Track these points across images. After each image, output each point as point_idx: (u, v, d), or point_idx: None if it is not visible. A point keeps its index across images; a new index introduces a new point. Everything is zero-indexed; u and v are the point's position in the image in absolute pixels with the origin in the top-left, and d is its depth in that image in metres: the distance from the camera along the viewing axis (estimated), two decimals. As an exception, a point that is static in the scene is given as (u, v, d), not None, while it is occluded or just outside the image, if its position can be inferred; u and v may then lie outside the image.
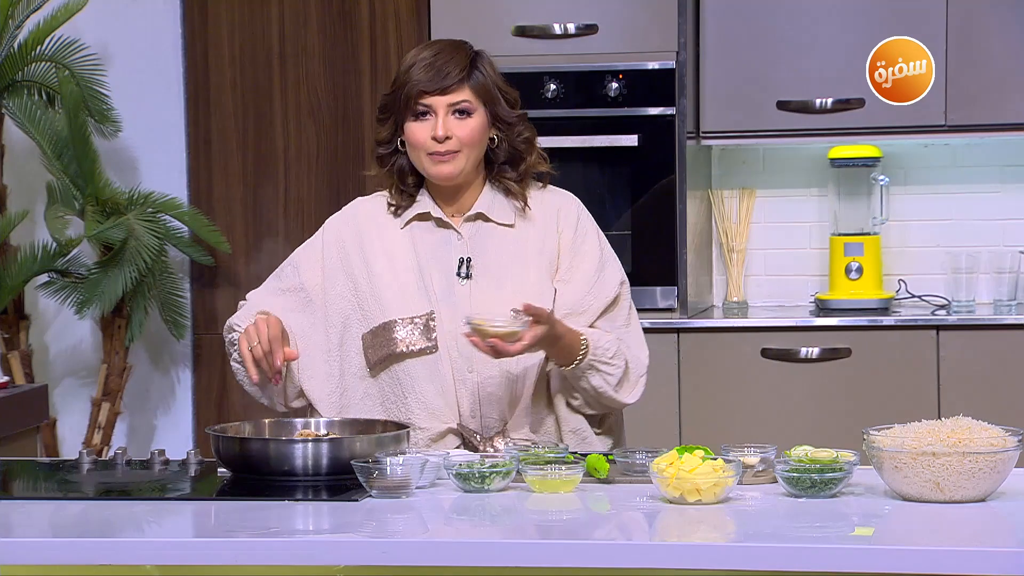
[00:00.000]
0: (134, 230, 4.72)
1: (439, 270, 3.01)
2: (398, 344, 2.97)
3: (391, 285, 3.00)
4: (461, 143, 2.97)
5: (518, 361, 2.96)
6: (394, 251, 3.03)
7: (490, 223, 3.03)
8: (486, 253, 3.02)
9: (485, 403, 2.98)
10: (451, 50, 3.01)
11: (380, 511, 2.55)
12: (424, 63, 2.97)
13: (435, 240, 3.03)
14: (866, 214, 4.85)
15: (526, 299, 2.90)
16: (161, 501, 2.68)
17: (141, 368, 5.01)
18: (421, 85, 2.96)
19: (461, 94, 2.97)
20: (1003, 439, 2.54)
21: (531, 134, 3.05)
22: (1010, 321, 4.55)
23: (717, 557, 2.30)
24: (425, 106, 2.97)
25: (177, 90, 4.94)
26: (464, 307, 2.97)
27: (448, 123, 2.96)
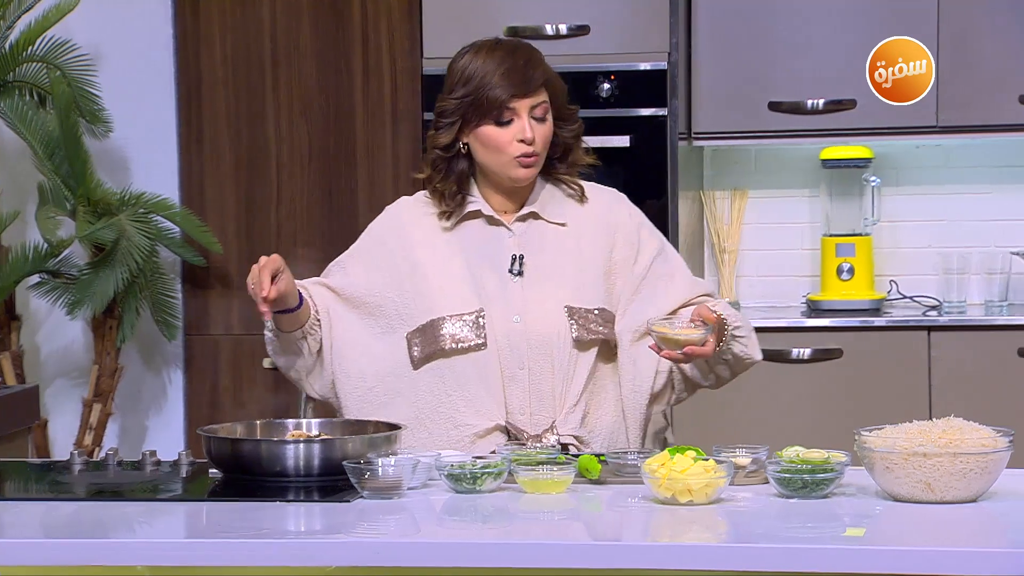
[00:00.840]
0: (125, 231, 4.72)
1: (490, 267, 3.01)
2: (446, 341, 2.96)
3: (438, 283, 3.00)
4: (542, 146, 3.00)
5: (571, 357, 2.97)
6: (441, 250, 3.03)
7: (541, 221, 3.04)
8: (538, 250, 3.02)
9: (535, 400, 2.97)
10: (526, 52, 3.02)
11: (372, 512, 2.55)
12: (505, 67, 2.97)
13: (485, 238, 3.03)
14: (858, 215, 4.86)
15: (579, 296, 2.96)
16: (153, 502, 2.67)
17: (133, 369, 5.00)
18: (511, 90, 2.96)
19: (540, 96, 2.99)
20: (994, 440, 2.55)
21: (581, 128, 3.07)
22: (1001, 322, 4.56)
23: (709, 558, 2.30)
24: (511, 110, 2.97)
25: (169, 90, 4.94)
26: (517, 304, 2.98)
27: (533, 126, 2.98)
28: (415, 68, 4.76)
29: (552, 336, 2.97)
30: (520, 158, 2.97)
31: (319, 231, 4.85)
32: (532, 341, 2.97)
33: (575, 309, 2.98)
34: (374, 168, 4.82)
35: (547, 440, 2.96)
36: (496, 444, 2.95)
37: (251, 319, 4.90)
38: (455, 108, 2.99)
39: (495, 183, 3.04)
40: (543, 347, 2.97)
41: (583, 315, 2.99)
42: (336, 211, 4.84)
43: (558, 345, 2.97)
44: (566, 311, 2.98)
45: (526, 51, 3.03)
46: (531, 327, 2.97)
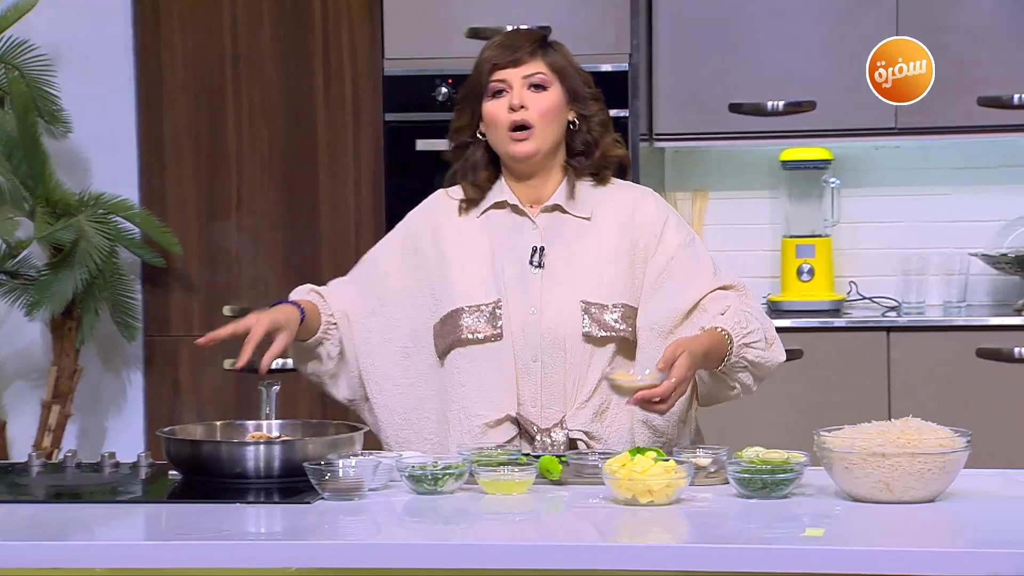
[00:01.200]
0: (85, 231, 4.70)
1: (511, 258, 3.01)
2: (463, 331, 2.97)
3: (461, 274, 3.01)
4: (538, 116, 2.98)
5: (584, 352, 2.96)
6: (468, 240, 3.04)
7: (566, 215, 3.03)
8: (561, 243, 3.01)
9: (547, 393, 2.97)
10: (524, 30, 3.09)
11: (332, 513, 2.54)
12: (496, 43, 3.02)
13: (510, 228, 3.04)
14: (817, 216, 4.88)
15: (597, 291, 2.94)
16: (112, 504, 2.66)
17: (92, 370, 4.98)
18: (494, 59, 2.99)
19: (534, 66, 2.99)
20: (952, 440, 2.56)
21: (606, 116, 3.06)
22: (959, 323, 4.59)
23: (669, 558, 2.31)
24: (500, 81, 2.99)
25: (129, 91, 4.91)
26: (535, 296, 2.97)
27: (524, 95, 2.98)
28: (376, 69, 4.75)
29: (565, 330, 2.96)
30: (512, 132, 2.97)
31: (280, 232, 4.84)
32: (546, 334, 2.97)
33: (591, 304, 2.97)
34: (335, 169, 4.81)
35: (556, 435, 2.95)
36: (507, 436, 2.95)
37: (212, 320, 4.88)
38: (465, 92, 3.05)
39: (514, 172, 3.04)
40: (556, 340, 2.96)
41: (599, 310, 2.97)
42: (297, 212, 4.83)
43: (571, 339, 2.96)
44: (582, 305, 2.97)
45: (526, 30, 3.08)
46: (546, 320, 2.97)
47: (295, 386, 4.78)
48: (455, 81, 4.67)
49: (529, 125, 2.97)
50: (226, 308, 4.87)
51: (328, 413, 4.73)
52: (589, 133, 3.04)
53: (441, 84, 4.68)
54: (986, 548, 2.29)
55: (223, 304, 4.87)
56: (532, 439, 2.96)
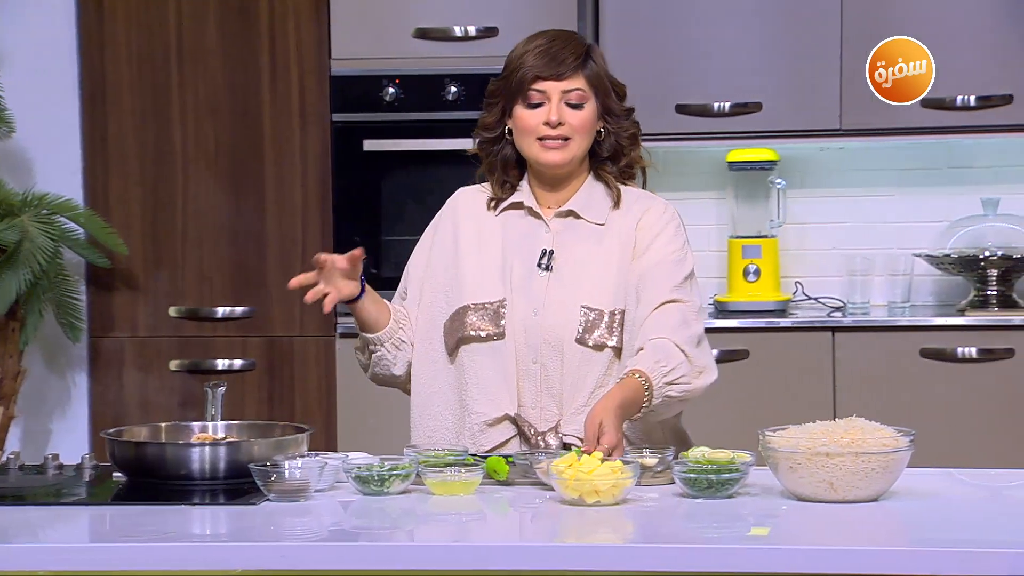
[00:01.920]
0: (28, 232, 4.66)
1: (521, 259, 3.03)
2: (468, 328, 2.99)
3: (473, 271, 3.03)
4: (573, 130, 2.99)
5: (580, 357, 2.96)
6: (485, 238, 3.06)
7: (581, 220, 3.04)
8: (571, 248, 3.03)
9: (546, 396, 2.97)
10: (566, 38, 3.05)
11: (278, 514, 2.54)
12: (539, 49, 3.00)
13: (524, 229, 3.05)
14: (763, 217, 4.90)
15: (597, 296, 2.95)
16: (56, 506, 2.65)
17: (36, 371, 4.94)
18: (536, 70, 2.99)
19: (575, 82, 3.00)
20: (895, 440, 2.59)
21: (637, 130, 3.08)
22: (904, 323, 4.62)
23: (615, 558, 2.31)
24: (539, 91, 2.99)
25: (72, 89, 4.88)
26: (538, 298, 2.99)
27: (561, 110, 2.98)
28: (323, 68, 4.74)
29: (563, 333, 2.97)
30: (545, 141, 2.99)
31: (226, 231, 4.81)
32: (546, 336, 2.98)
33: (590, 309, 2.98)
34: (282, 169, 4.79)
35: (551, 439, 2.95)
36: (505, 435, 2.96)
37: (157, 321, 4.86)
38: (497, 89, 3.05)
39: (539, 175, 3.05)
40: (554, 343, 2.97)
41: (597, 316, 2.97)
42: (243, 211, 4.81)
43: (568, 343, 2.97)
44: (581, 311, 2.98)
45: (568, 37, 3.05)
46: (546, 322, 2.98)
47: (241, 387, 4.78)
48: (402, 81, 4.67)
49: (566, 137, 2.99)
50: (172, 309, 4.84)
51: (274, 414, 4.72)
52: (617, 143, 3.06)
53: (388, 84, 4.68)
54: (928, 547, 2.31)
55: (169, 305, 4.84)
56: (528, 440, 2.95)
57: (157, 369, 4.83)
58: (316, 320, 4.76)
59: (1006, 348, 4.54)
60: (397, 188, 4.76)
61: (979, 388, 4.53)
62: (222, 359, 4.81)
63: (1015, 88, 4.64)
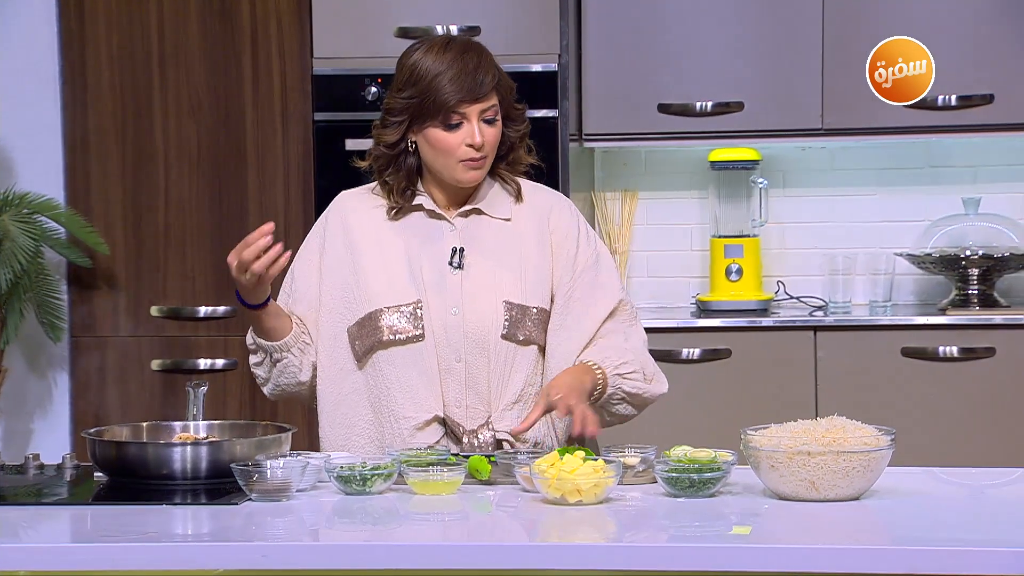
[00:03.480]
0: (9, 231, 4.65)
1: (429, 260, 3.00)
2: (384, 332, 2.96)
3: (378, 275, 2.99)
4: (490, 147, 2.98)
5: (507, 353, 2.96)
6: (382, 242, 3.02)
7: (484, 216, 3.03)
8: (480, 244, 3.01)
9: (471, 393, 2.96)
10: (475, 56, 2.97)
11: (260, 514, 2.53)
12: (454, 73, 2.94)
13: (426, 231, 3.02)
14: (745, 216, 4.91)
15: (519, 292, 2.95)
16: (36, 506, 2.64)
17: (17, 371, 4.93)
18: (458, 95, 2.93)
19: (490, 100, 2.97)
20: (876, 439, 2.59)
21: (526, 126, 3.05)
22: (885, 322, 4.63)
23: (597, 557, 2.32)
24: (459, 114, 2.94)
25: (53, 89, 4.86)
26: (455, 296, 2.97)
27: (482, 129, 2.95)
28: (305, 68, 4.73)
29: (488, 330, 2.96)
30: (467, 162, 2.96)
31: (208, 232, 4.81)
32: (469, 334, 2.97)
33: (514, 305, 2.98)
34: (264, 168, 4.78)
35: (483, 435, 2.95)
36: (435, 436, 2.95)
37: (138, 321, 4.85)
38: (403, 107, 2.97)
39: (439, 180, 3.03)
40: (479, 340, 2.97)
41: (521, 311, 2.98)
42: (225, 212, 4.80)
43: (492, 340, 2.97)
44: (504, 306, 2.97)
45: (477, 53, 2.99)
46: (468, 319, 2.97)
47: (223, 387, 4.77)
48: (384, 80, 4.66)
49: (485, 155, 2.98)
50: (153, 308, 4.84)
51: (256, 414, 4.71)
52: (510, 141, 3.04)
53: (371, 83, 4.67)
54: (909, 545, 2.31)
55: (150, 304, 4.83)
56: (459, 440, 2.95)
57: (138, 369, 4.83)
58: (298, 320, 4.76)
59: (987, 347, 4.55)
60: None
61: (960, 387, 4.54)
62: (204, 359, 4.80)
63: (996, 88, 4.65)
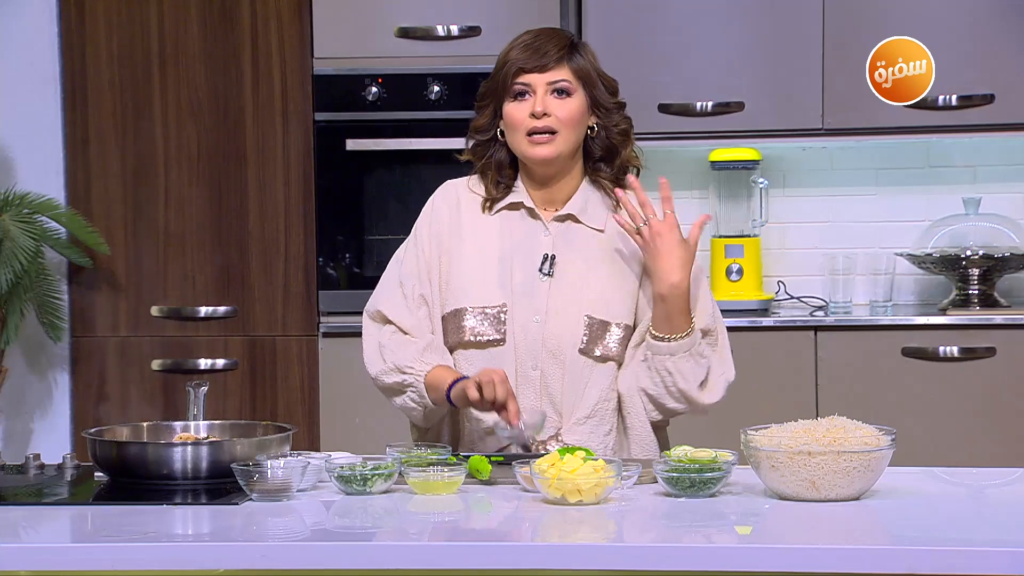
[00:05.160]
0: (9, 231, 4.65)
1: (521, 263, 2.99)
2: (466, 332, 2.96)
3: (472, 272, 2.99)
4: (560, 123, 2.95)
5: (583, 367, 2.93)
6: (479, 236, 3.01)
7: (580, 224, 3.01)
8: (572, 253, 2.99)
9: (546, 404, 2.94)
10: (551, 32, 3.03)
11: (260, 514, 2.53)
12: (523, 44, 2.99)
13: (523, 231, 3.01)
14: (746, 216, 4.91)
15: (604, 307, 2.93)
16: (37, 506, 2.64)
17: (17, 371, 4.93)
18: (520, 63, 2.96)
19: (560, 72, 2.96)
20: (877, 438, 2.59)
21: (628, 126, 3.04)
22: (885, 322, 4.63)
23: (597, 557, 2.32)
24: (524, 84, 2.96)
25: (54, 89, 4.87)
26: (540, 304, 2.95)
27: (547, 101, 2.95)
28: (305, 68, 4.73)
29: (566, 342, 2.94)
30: (533, 135, 2.95)
31: (208, 232, 4.81)
32: (548, 344, 2.95)
33: (595, 320, 2.95)
34: (264, 168, 4.78)
35: (552, 447, 2.91)
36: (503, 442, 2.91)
37: (139, 321, 4.85)
38: (487, 91, 3.02)
39: (531, 175, 3.01)
40: (556, 352, 2.95)
41: (602, 327, 2.95)
42: (225, 212, 4.80)
43: (570, 353, 2.94)
44: (585, 320, 2.95)
45: (553, 31, 3.03)
46: (548, 329, 2.95)
47: (223, 387, 4.77)
48: (385, 80, 4.66)
49: (553, 130, 2.95)
50: (154, 308, 4.84)
51: (257, 414, 4.71)
52: (609, 140, 3.02)
53: (371, 84, 4.67)
54: (909, 545, 2.31)
55: (151, 305, 4.83)
56: (528, 448, 2.91)
57: (139, 369, 4.83)
58: (299, 320, 4.76)
59: (987, 347, 4.55)
60: (380, 187, 4.76)
61: (960, 387, 4.54)
62: (204, 359, 4.80)
63: (996, 87, 4.65)
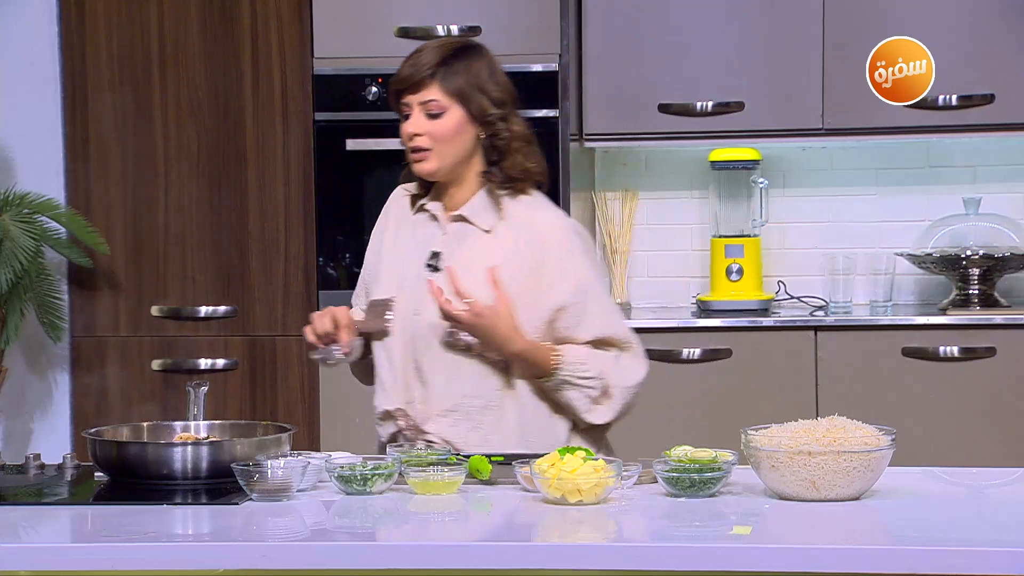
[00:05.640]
0: (9, 231, 4.65)
1: (415, 259, 3.09)
2: (367, 324, 3.07)
3: (383, 267, 3.13)
4: (433, 140, 3.02)
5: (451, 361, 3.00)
6: (400, 237, 3.13)
7: (470, 225, 3.06)
8: (459, 252, 3.06)
9: (428, 393, 3.01)
10: (432, 48, 3.06)
11: (260, 514, 2.53)
12: (404, 62, 3.06)
13: (426, 231, 3.11)
14: (746, 216, 4.91)
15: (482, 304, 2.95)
16: (37, 506, 2.64)
17: (17, 371, 4.93)
18: (395, 84, 3.06)
19: (430, 92, 3.02)
20: (877, 438, 2.59)
21: (511, 135, 3.05)
22: (885, 322, 4.63)
23: (597, 557, 2.32)
24: (405, 104, 3.04)
25: (54, 89, 4.86)
26: (421, 298, 3.02)
27: (419, 121, 3.02)
28: (305, 68, 4.73)
29: (436, 335, 3.02)
30: (412, 152, 3.04)
31: (208, 232, 4.81)
32: (422, 336, 3.03)
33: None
34: (264, 168, 4.78)
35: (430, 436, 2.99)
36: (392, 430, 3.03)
37: (139, 321, 4.85)
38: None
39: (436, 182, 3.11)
40: (429, 344, 3.03)
41: None
42: (225, 212, 4.80)
43: (437, 345, 3.02)
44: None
45: (436, 45, 3.07)
46: (424, 322, 3.03)
47: (223, 387, 4.77)
48: (385, 80, 4.66)
49: (424, 148, 3.03)
50: (154, 308, 4.84)
51: (257, 414, 4.71)
52: (494, 146, 3.06)
53: (371, 83, 4.67)
54: (909, 545, 2.32)
55: (151, 304, 4.83)
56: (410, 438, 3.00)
57: (139, 368, 4.83)
58: (299, 320, 4.75)
59: (987, 347, 4.55)
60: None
61: (961, 387, 4.54)
62: (204, 358, 4.80)
63: (996, 87, 4.65)
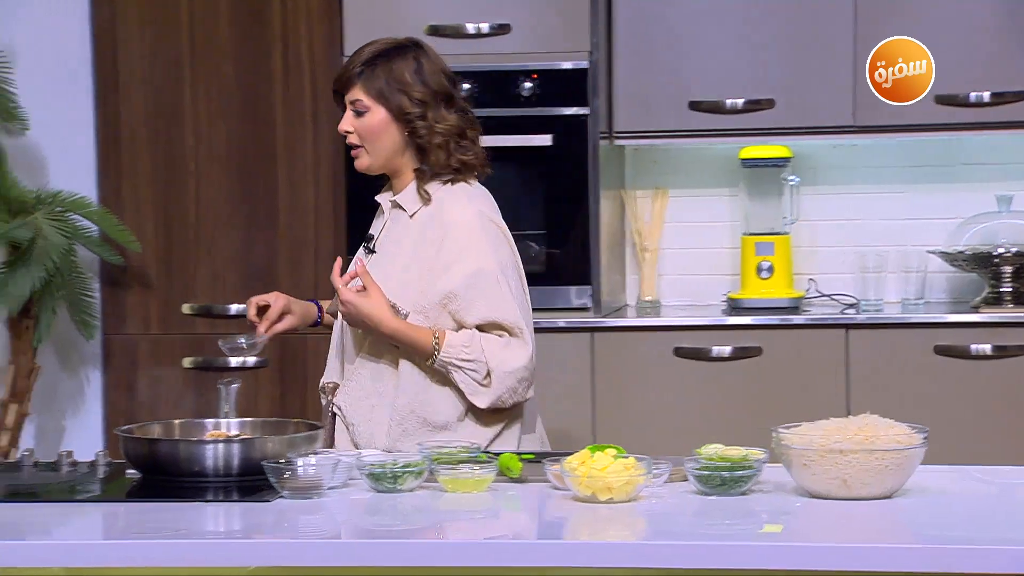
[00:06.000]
0: (42, 229, 4.67)
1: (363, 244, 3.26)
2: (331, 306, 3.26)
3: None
4: (361, 138, 3.18)
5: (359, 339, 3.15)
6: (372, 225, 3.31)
7: (402, 211, 3.20)
8: (389, 236, 3.21)
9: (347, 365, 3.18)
10: (367, 48, 3.21)
11: (291, 512, 2.54)
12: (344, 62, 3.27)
13: (378, 218, 3.27)
14: (776, 214, 4.90)
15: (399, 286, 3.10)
16: (70, 503, 2.65)
17: (50, 369, 4.95)
18: (333, 85, 3.24)
19: (355, 92, 3.18)
20: (909, 437, 2.58)
21: (430, 132, 3.14)
22: (917, 320, 4.61)
23: (627, 555, 2.31)
24: (344, 103, 3.20)
25: (86, 88, 4.89)
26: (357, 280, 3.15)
27: (348, 119, 3.19)
28: (335, 67, 4.72)
29: None
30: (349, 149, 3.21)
31: (239, 229, 4.82)
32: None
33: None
34: (293, 167, 4.79)
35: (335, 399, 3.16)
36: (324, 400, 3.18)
37: (170, 319, 4.86)
38: None
39: None
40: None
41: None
42: (255, 210, 4.82)
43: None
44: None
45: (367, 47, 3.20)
46: None
47: (254, 384, 4.78)
48: (415, 79, 4.66)
49: (356, 144, 3.17)
50: (185, 306, 4.85)
51: (287, 411, 4.72)
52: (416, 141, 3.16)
53: (401, 82, 4.68)
54: (940, 544, 2.30)
55: (181, 302, 4.85)
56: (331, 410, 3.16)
57: (170, 366, 4.84)
58: (329, 318, 4.76)
59: (1020, 345, 4.53)
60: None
61: (993, 385, 4.52)
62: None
63: (1029, 85, 4.63)
